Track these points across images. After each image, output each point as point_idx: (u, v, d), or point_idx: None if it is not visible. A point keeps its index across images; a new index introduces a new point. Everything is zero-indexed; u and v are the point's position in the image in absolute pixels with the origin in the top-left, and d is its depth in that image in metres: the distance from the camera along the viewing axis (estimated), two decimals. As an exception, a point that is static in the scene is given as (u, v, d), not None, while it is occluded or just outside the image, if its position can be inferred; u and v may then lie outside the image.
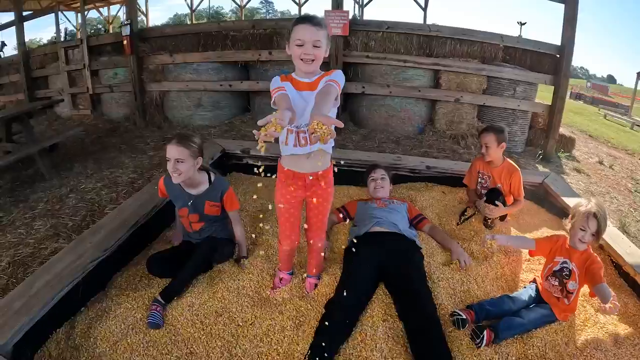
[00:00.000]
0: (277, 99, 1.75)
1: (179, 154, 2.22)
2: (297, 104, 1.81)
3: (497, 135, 3.06)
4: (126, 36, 6.32)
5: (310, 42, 1.75)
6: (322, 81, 1.81)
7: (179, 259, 2.36)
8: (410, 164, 3.76)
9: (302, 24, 1.77)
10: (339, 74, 1.83)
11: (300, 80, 1.88)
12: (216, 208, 2.45)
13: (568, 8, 5.42)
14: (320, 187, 2.05)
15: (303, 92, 1.86)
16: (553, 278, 2.22)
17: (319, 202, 2.09)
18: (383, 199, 3.00)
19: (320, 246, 2.29)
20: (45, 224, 3.34)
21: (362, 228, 2.65)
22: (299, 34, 1.77)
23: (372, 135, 5.82)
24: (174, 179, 2.26)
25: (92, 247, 2.33)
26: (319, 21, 1.78)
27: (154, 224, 2.79)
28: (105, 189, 4.03)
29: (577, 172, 5.54)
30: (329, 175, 2.08)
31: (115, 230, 2.49)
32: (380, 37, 5.81)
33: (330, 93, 1.68)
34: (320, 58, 1.81)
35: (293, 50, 1.81)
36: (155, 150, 5.27)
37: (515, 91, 5.83)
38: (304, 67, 1.82)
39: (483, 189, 3.22)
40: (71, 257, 2.24)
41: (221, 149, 3.87)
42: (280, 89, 1.81)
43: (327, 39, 1.82)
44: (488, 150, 3.09)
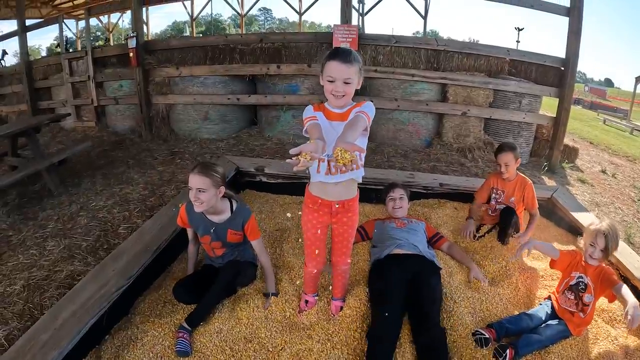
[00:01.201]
0: (309, 128, 1.78)
1: (201, 184, 2.21)
2: (328, 133, 1.82)
3: (514, 153, 3.12)
4: (132, 48, 6.33)
5: (341, 80, 1.78)
6: (352, 112, 1.84)
7: (204, 284, 2.35)
8: (424, 182, 3.79)
9: (334, 60, 1.79)
10: (370, 105, 1.86)
11: (332, 111, 1.91)
12: (238, 236, 2.45)
13: (573, 21, 5.47)
14: (346, 215, 2.08)
15: (334, 122, 1.89)
16: (569, 292, 2.31)
17: (344, 229, 2.13)
18: (402, 218, 3.01)
19: (345, 269, 2.32)
20: (58, 245, 3.28)
21: (383, 250, 2.66)
22: (330, 70, 1.80)
23: (381, 149, 5.84)
24: (196, 207, 2.26)
25: (116, 274, 2.31)
26: (350, 58, 1.78)
27: (173, 246, 2.79)
28: (116, 206, 3.98)
29: (581, 182, 5.58)
30: (355, 204, 2.10)
31: (138, 255, 2.49)
32: (389, 51, 5.86)
33: (358, 123, 1.69)
34: (350, 93, 1.84)
35: (325, 84, 1.85)
36: (164, 165, 5.24)
37: (521, 104, 5.87)
38: (334, 101, 1.86)
39: (498, 204, 3.26)
40: (95, 285, 2.22)
41: (235, 167, 3.87)
42: (312, 118, 1.85)
43: (358, 74, 1.84)
44: (508, 169, 3.14)
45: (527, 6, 5.75)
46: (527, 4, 5.73)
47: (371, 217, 3.48)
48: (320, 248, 2.20)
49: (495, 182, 3.29)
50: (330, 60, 1.80)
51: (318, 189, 2.03)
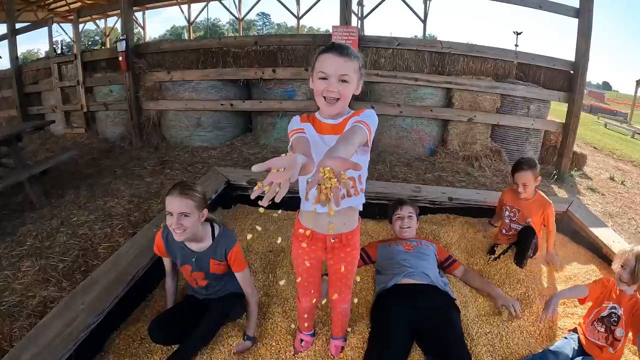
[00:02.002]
0: (294, 143, 1.44)
1: (183, 207, 1.90)
2: (318, 149, 1.46)
3: (534, 171, 2.82)
4: (122, 52, 6.06)
5: (336, 76, 1.45)
6: (349, 122, 1.48)
7: (184, 321, 2.05)
8: (431, 196, 3.48)
9: (328, 53, 1.47)
10: (371, 114, 1.50)
11: (324, 122, 1.57)
12: (222, 266, 2.13)
13: (582, 23, 5.30)
14: (344, 250, 1.73)
15: (326, 136, 1.55)
16: (599, 324, 2.06)
17: (342, 266, 1.77)
18: (409, 239, 2.71)
19: (345, 308, 1.97)
20: (33, 265, 3.03)
21: (390, 279, 2.35)
22: (322, 64, 1.47)
23: (382, 158, 5.58)
24: (177, 236, 1.94)
25: (85, 309, 2.00)
26: (348, 51, 1.47)
27: (152, 273, 2.47)
28: (98, 222, 3.71)
29: (591, 191, 5.42)
30: (355, 237, 1.75)
31: (110, 287, 2.17)
32: (390, 54, 5.61)
33: (355, 135, 1.31)
34: (347, 97, 1.49)
35: (315, 84, 1.50)
36: (153, 176, 4.98)
37: (529, 109, 5.69)
38: (326, 108, 1.51)
39: (512, 223, 2.96)
40: (60, 322, 1.91)
41: (225, 181, 3.57)
42: (298, 130, 1.50)
43: (357, 73, 1.51)
44: (526, 189, 2.84)
45: (535, 7, 5.54)
46: (535, 5, 5.52)
47: (374, 235, 3.20)
48: (314, 283, 1.88)
49: (510, 199, 2.99)
50: (324, 54, 1.49)
51: (309, 219, 1.69)
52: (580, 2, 5.26)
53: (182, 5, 15.63)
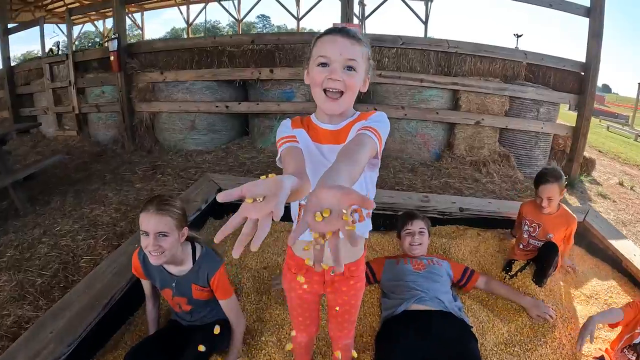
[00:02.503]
0: (284, 155, 1.17)
1: (161, 226, 1.64)
2: (315, 164, 1.21)
3: (560, 183, 2.54)
4: (113, 51, 5.81)
5: (341, 62, 1.15)
6: (353, 127, 1.20)
7: (165, 350, 1.80)
8: (441, 206, 3.21)
9: (330, 35, 1.18)
10: (381, 117, 1.20)
11: (322, 127, 1.27)
12: (205, 293, 1.86)
13: (593, 22, 5.11)
14: (347, 284, 1.46)
15: (325, 147, 1.26)
16: (630, 352, 1.88)
17: (344, 301, 1.50)
18: (420, 257, 2.45)
19: (347, 344, 1.69)
20: (10, 280, 2.81)
21: (398, 304, 2.09)
22: (323, 48, 1.17)
23: (385, 163, 5.31)
24: (154, 259, 1.68)
25: (54, 338, 1.75)
26: (355, 33, 1.19)
27: (133, 294, 2.20)
28: (82, 232, 3.48)
29: (602, 197, 5.22)
30: (360, 267, 1.48)
31: (82, 312, 1.91)
32: (394, 53, 5.35)
33: (362, 148, 1.02)
34: (353, 89, 1.19)
35: (313, 74, 1.19)
36: (143, 182, 4.73)
37: (539, 112, 5.43)
38: (327, 104, 1.20)
39: (532, 239, 2.69)
40: (25, 354, 1.66)
41: (217, 189, 3.31)
42: (289, 139, 1.22)
43: (367, 62, 1.22)
44: (551, 203, 2.57)
45: (546, 5, 5.31)
46: (546, 3, 5.29)
47: (379, 250, 2.93)
48: (311, 318, 1.60)
49: (530, 212, 2.72)
50: (326, 35, 1.20)
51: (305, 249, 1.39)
52: (591, 1, 5.08)
53: (181, 6, 15.45)
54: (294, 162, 1.10)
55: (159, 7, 15.83)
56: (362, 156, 0.99)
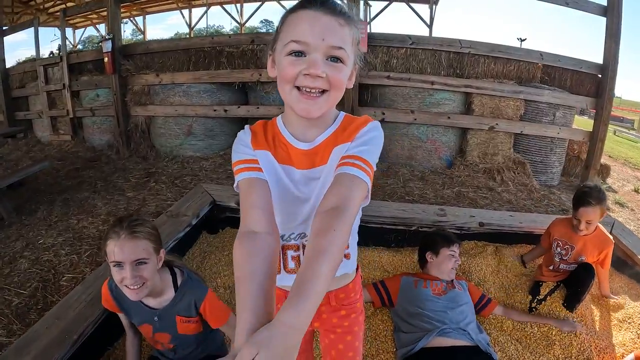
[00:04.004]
0: (244, 189, 0.91)
1: (139, 252, 1.35)
2: (281, 194, 0.97)
3: (602, 206, 2.25)
4: (107, 52, 5.57)
5: (322, 49, 0.83)
6: (335, 150, 0.93)
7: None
8: (459, 221, 2.90)
9: (305, 9, 0.84)
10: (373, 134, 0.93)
11: (291, 144, 0.97)
12: (194, 324, 1.56)
13: (610, 21, 4.91)
14: (337, 315, 1.16)
15: (295, 172, 0.98)
16: None
17: (336, 342, 1.18)
18: (440, 280, 2.16)
19: None
20: None
21: (417, 339, 1.79)
22: (298, 29, 0.83)
23: (394, 171, 5.06)
24: (134, 294, 1.38)
25: (15, 378, 1.47)
26: (342, 8, 0.85)
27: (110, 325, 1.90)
28: (66, 246, 3.24)
29: (620, 205, 4.99)
30: (351, 295, 1.16)
31: (49, 348, 1.62)
32: (403, 54, 5.09)
33: (343, 213, 0.78)
34: (339, 87, 0.87)
35: (282, 67, 0.86)
36: (135, 190, 4.49)
37: (555, 116, 5.16)
38: (302, 105, 0.87)
39: (562, 263, 2.40)
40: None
41: (210, 201, 3.02)
42: (249, 167, 0.94)
43: (355, 47, 0.89)
44: (589, 227, 2.28)
45: (562, 4, 5.10)
46: (562, 2, 5.07)
47: (390, 270, 2.63)
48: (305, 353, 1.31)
49: (563, 233, 2.42)
50: (300, 10, 0.84)
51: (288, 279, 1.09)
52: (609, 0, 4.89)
53: (183, 9, 15.25)
54: (260, 201, 0.88)
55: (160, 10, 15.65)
56: (348, 218, 0.78)
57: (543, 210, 4.17)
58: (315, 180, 0.96)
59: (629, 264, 2.74)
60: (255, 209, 0.86)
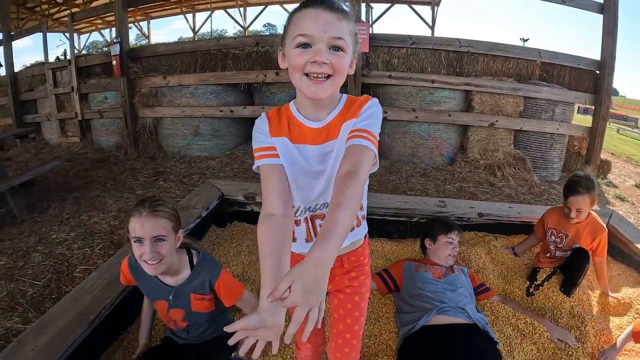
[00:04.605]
0: (265, 173, 1.09)
1: (158, 229, 1.46)
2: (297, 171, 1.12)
3: (592, 194, 2.33)
4: (115, 56, 5.71)
5: (325, 40, 0.98)
6: (344, 126, 1.08)
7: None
8: (459, 212, 2.99)
9: (309, 7, 0.99)
10: (374, 111, 1.08)
11: (305, 125, 1.11)
12: (207, 302, 1.67)
13: (607, 18, 5.02)
14: (348, 277, 1.30)
15: (309, 149, 1.12)
16: None
17: (345, 302, 1.32)
18: (439, 265, 2.27)
19: None
20: (1, 289, 2.69)
21: (418, 318, 1.89)
22: (301, 24, 0.99)
23: (396, 167, 5.15)
24: (152, 269, 1.49)
25: (34, 357, 1.57)
26: (339, 4, 1.01)
27: (125, 309, 2.02)
28: (79, 240, 3.34)
29: (620, 200, 5.06)
30: (362, 258, 1.32)
31: (67, 328, 1.72)
32: (404, 53, 5.18)
33: (358, 174, 0.94)
34: (341, 72, 1.02)
35: (291, 58, 1.02)
36: (145, 188, 4.61)
37: (554, 113, 5.24)
38: (311, 88, 1.01)
39: (558, 251, 2.50)
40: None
41: (219, 195, 3.13)
42: (268, 153, 1.10)
43: (353, 38, 1.05)
44: (580, 215, 2.37)
45: (559, 2, 5.22)
46: (559, 0, 5.18)
47: (392, 259, 2.71)
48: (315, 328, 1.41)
49: (556, 222, 2.52)
50: (304, 9, 1.00)
51: (302, 247, 1.25)
52: None
53: (187, 14, 15.41)
54: (277, 186, 1.06)
55: (164, 15, 15.82)
56: (359, 180, 0.94)
57: (543, 205, 4.24)
58: (329, 153, 1.11)
59: (626, 252, 2.81)
60: (273, 194, 1.05)
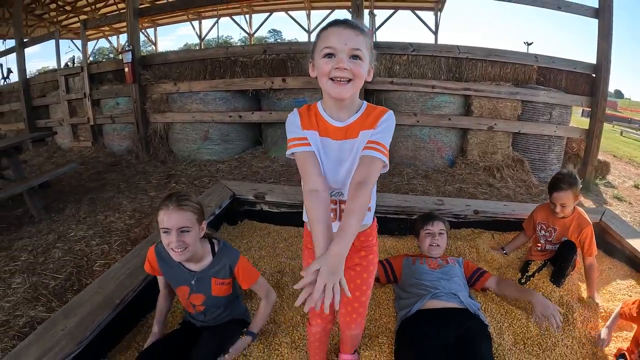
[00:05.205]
0: (302, 159, 1.34)
1: (183, 221, 1.66)
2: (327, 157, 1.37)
3: (574, 189, 2.47)
4: (128, 63, 5.94)
5: (346, 51, 1.22)
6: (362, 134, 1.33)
7: (177, 351, 1.78)
8: (456, 209, 3.17)
9: (335, 27, 1.25)
10: (389, 124, 1.34)
11: (330, 124, 1.35)
12: (226, 286, 1.87)
13: (602, 23, 5.15)
14: (358, 254, 1.51)
15: (333, 142, 1.36)
16: None
17: (354, 276, 1.52)
18: (435, 257, 2.43)
19: (355, 334, 1.73)
20: (24, 282, 2.85)
21: (414, 303, 2.06)
22: (327, 39, 1.24)
23: (399, 170, 5.31)
24: (177, 255, 1.69)
25: (65, 336, 1.74)
26: (358, 24, 1.26)
27: (146, 295, 2.19)
28: (96, 237, 3.52)
29: (618, 200, 5.16)
30: (371, 238, 1.55)
31: (94, 311, 1.90)
32: (405, 60, 5.37)
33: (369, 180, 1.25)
34: (360, 77, 1.26)
35: (320, 65, 1.26)
36: (157, 190, 4.79)
37: (552, 116, 5.39)
38: (335, 90, 1.25)
39: (548, 244, 2.65)
40: (37, 351, 1.65)
41: (231, 194, 3.31)
42: (302, 142, 1.35)
43: (370, 51, 1.29)
44: (565, 210, 2.52)
45: (554, 8, 5.37)
46: (554, 5, 5.34)
47: (394, 253, 2.89)
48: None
49: (544, 217, 2.68)
50: (330, 27, 1.26)
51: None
52: (600, 2, 5.11)
53: (193, 21, 15.68)
54: (315, 169, 1.32)
55: (171, 22, 16.09)
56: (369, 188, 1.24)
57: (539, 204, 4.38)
58: (349, 148, 1.35)
59: (618, 247, 2.95)
60: (313, 175, 1.30)
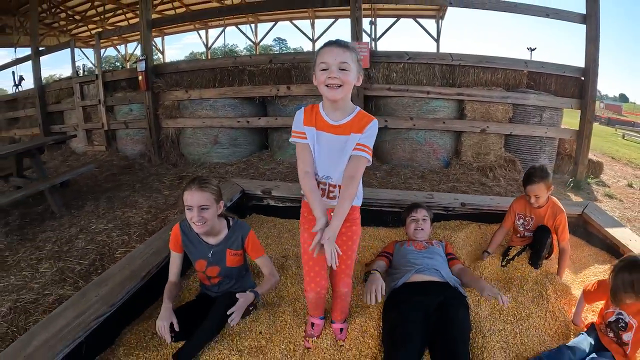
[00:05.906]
0: (300, 149, 1.80)
1: (203, 200, 2.01)
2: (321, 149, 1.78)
3: (546, 182, 2.72)
4: (141, 72, 6.28)
5: (336, 65, 1.62)
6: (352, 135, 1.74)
7: (194, 319, 2.06)
8: (444, 202, 3.46)
9: (327, 47, 1.66)
10: (374, 130, 1.77)
11: (327, 122, 1.76)
12: (238, 257, 2.20)
13: (589, 28, 5.37)
14: (345, 226, 1.82)
15: (328, 135, 1.77)
16: (608, 329, 2.01)
17: (341, 242, 1.85)
18: (421, 240, 2.73)
19: (345, 292, 2.04)
20: (51, 267, 3.16)
21: (401, 277, 2.36)
22: (322, 56, 1.65)
23: (397, 171, 5.59)
24: (198, 228, 2.04)
25: (98, 301, 2.05)
26: (345, 43, 1.67)
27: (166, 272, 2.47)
28: (116, 230, 3.83)
29: (609, 197, 5.35)
30: (354, 213, 1.92)
31: (123, 282, 2.23)
32: (402, 68, 5.68)
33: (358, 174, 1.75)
34: (348, 83, 1.66)
35: (318, 76, 1.68)
36: (171, 190, 5.09)
37: (542, 118, 5.66)
38: (330, 93, 1.66)
39: (527, 232, 2.92)
40: (73, 312, 1.96)
41: (240, 190, 3.63)
42: (301, 136, 1.79)
43: (356, 63, 1.68)
44: (538, 200, 2.78)
45: (542, 15, 5.62)
46: (542, 13, 5.59)
47: (386, 241, 3.18)
48: (320, 273, 1.90)
49: (522, 207, 2.93)
50: (324, 47, 1.67)
51: None
52: (587, 7, 5.33)
53: (200, 30, 16.05)
54: (308, 157, 1.78)
55: (179, 31, 16.46)
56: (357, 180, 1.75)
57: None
58: (340, 143, 1.76)
59: (598, 236, 3.19)
60: (306, 160, 1.77)
